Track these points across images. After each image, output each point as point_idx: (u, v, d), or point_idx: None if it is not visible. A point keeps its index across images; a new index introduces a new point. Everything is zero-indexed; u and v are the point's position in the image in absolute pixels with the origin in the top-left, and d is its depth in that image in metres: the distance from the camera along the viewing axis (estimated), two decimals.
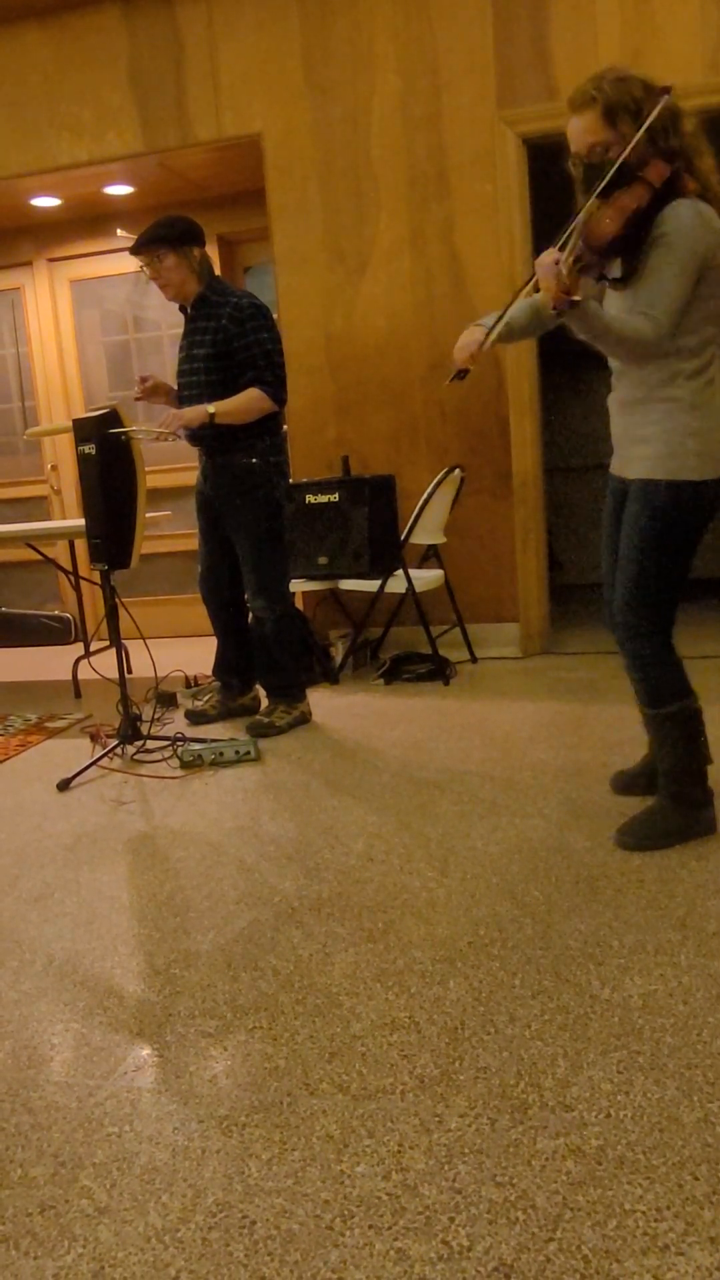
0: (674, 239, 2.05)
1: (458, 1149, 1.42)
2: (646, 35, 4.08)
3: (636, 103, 2.07)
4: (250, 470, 3.53)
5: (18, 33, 4.79)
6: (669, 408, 2.20)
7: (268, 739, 3.57)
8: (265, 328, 3.45)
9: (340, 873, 2.40)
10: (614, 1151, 1.39)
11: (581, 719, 3.55)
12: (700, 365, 2.17)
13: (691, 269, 2.06)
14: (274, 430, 3.58)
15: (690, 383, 2.18)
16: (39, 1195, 1.40)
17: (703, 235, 2.05)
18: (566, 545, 6.82)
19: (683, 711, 2.34)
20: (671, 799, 2.39)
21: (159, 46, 4.62)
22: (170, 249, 3.44)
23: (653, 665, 2.31)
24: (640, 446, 2.26)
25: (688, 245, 2.04)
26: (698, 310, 2.13)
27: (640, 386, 2.25)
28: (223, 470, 3.56)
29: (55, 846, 2.72)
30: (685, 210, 2.05)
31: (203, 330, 3.49)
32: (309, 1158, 1.42)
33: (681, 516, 2.23)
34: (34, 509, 6.21)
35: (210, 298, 3.50)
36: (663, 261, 2.06)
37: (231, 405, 3.44)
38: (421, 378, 4.61)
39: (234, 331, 3.43)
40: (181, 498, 5.94)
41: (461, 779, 3.01)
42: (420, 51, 4.35)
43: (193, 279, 3.49)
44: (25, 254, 5.88)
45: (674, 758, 2.37)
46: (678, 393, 2.19)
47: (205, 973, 1.97)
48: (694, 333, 2.15)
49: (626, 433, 2.32)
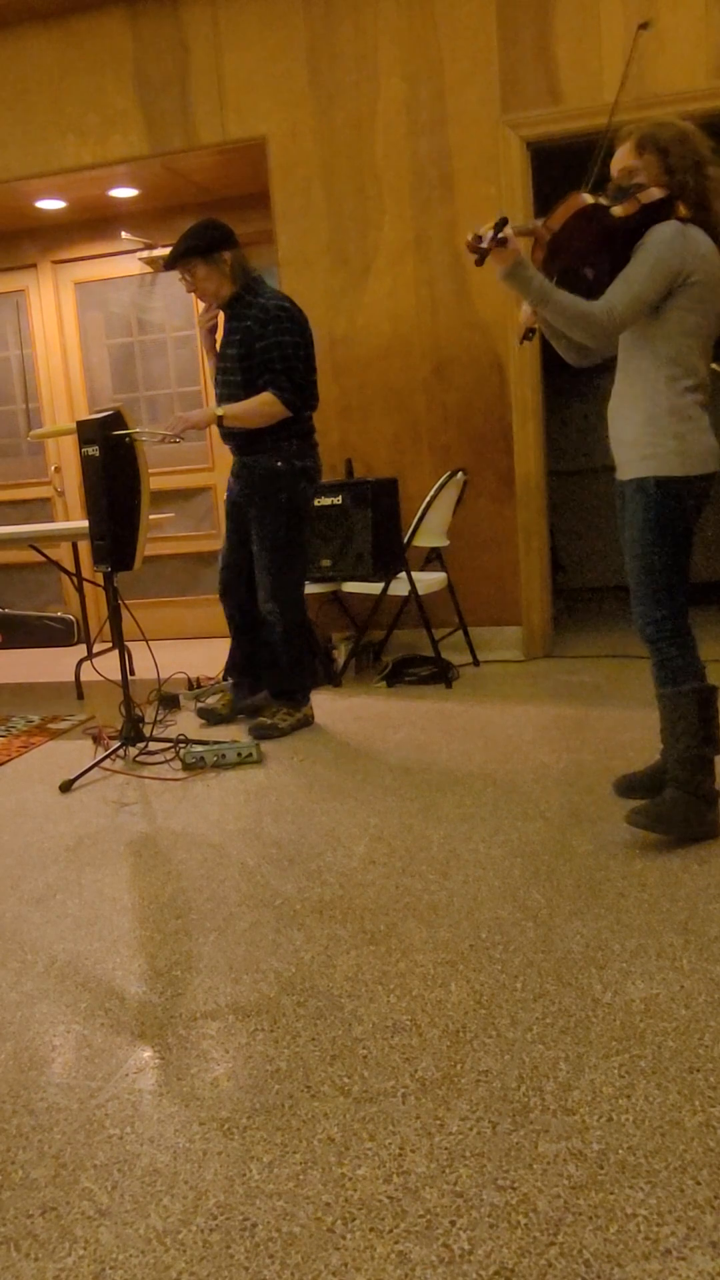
0: (650, 247, 2.28)
1: (459, 1152, 1.42)
2: (650, 38, 4.08)
3: (666, 142, 2.32)
4: (275, 473, 3.52)
5: (23, 35, 4.80)
6: (649, 413, 2.38)
7: (270, 741, 3.57)
8: (288, 331, 3.42)
9: (342, 875, 2.40)
10: (615, 1155, 1.38)
11: (584, 722, 3.54)
12: (679, 373, 2.35)
13: (660, 275, 2.26)
14: (302, 434, 3.57)
15: (671, 387, 2.36)
16: (40, 1197, 1.39)
17: (679, 248, 2.26)
18: (569, 548, 6.81)
19: (698, 692, 2.42)
20: (682, 788, 2.43)
21: (164, 49, 4.64)
22: (200, 259, 3.45)
23: (669, 644, 2.42)
24: (627, 450, 2.43)
25: (660, 254, 2.26)
26: (674, 322, 2.33)
27: (627, 393, 2.44)
28: (249, 470, 3.58)
29: (57, 848, 2.72)
30: (668, 227, 2.28)
31: (235, 330, 3.50)
32: (310, 1160, 1.42)
33: (674, 509, 2.38)
34: (37, 511, 6.21)
35: (245, 297, 3.50)
36: (636, 263, 2.29)
37: (240, 409, 3.45)
38: (425, 381, 4.62)
39: (257, 333, 3.43)
40: (185, 500, 5.95)
41: (464, 782, 3.01)
42: (424, 55, 4.36)
43: (226, 283, 3.49)
44: (30, 256, 5.90)
45: (686, 742, 2.42)
46: (658, 399, 2.37)
47: (207, 975, 1.97)
48: (670, 341, 2.34)
49: (616, 437, 2.49)
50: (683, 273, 2.27)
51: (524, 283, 2.30)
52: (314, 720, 3.79)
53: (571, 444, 6.73)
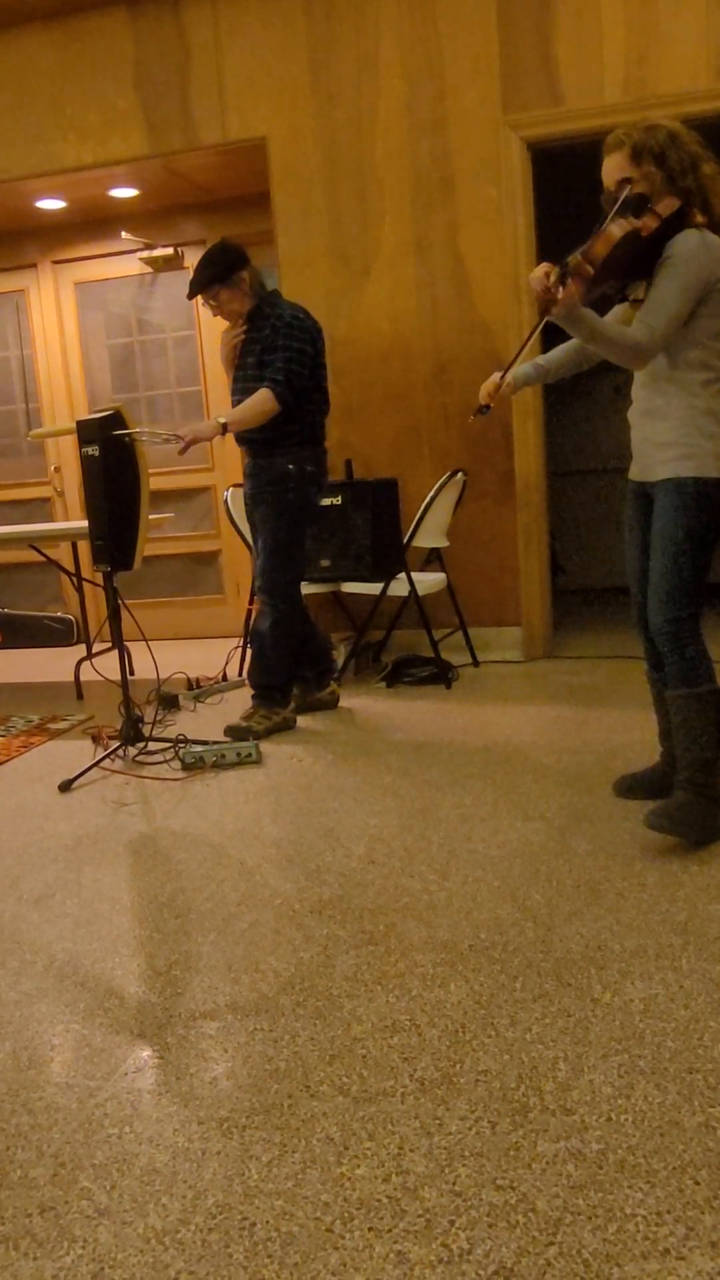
0: (678, 262, 2.30)
1: (458, 1152, 1.42)
2: (651, 41, 4.08)
3: (661, 147, 2.32)
4: (285, 474, 3.61)
5: (23, 36, 4.80)
6: (686, 415, 2.40)
7: (265, 741, 3.57)
8: (296, 338, 3.53)
9: (341, 875, 2.40)
10: (614, 1155, 1.38)
11: (583, 723, 3.55)
12: (711, 376, 2.39)
13: (692, 288, 2.30)
14: (314, 440, 3.68)
15: (705, 391, 2.39)
16: (39, 1196, 1.39)
17: (705, 260, 2.29)
18: (569, 549, 6.81)
19: (714, 694, 2.43)
20: (695, 791, 2.43)
21: (165, 50, 4.64)
22: (221, 285, 3.56)
23: (690, 645, 2.43)
24: (663, 450, 2.45)
25: (690, 267, 2.28)
26: (703, 328, 2.35)
27: (659, 396, 2.45)
28: (261, 471, 3.65)
29: (57, 847, 2.72)
30: (692, 238, 2.30)
31: (254, 340, 3.61)
32: (309, 1160, 1.42)
33: (709, 509, 2.41)
34: (37, 510, 6.22)
35: (263, 309, 3.62)
36: (666, 280, 2.32)
37: (239, 413, 3.54)
38: (425, 382, 4.62)
39: (270, 341, 3.55)
40: (185, 500, 5.95)
41: (463, 782, 3.01)
42: (425, 56, 4.36)
43: (247, 300, 3.62)
44: (30, 256, 5.90)
45: (699, 744, 2.42)
46: (694, 401, 2.39)
47: (206, 974, 1.97)
48: (702, 346, 2.37)
49: (648, 439, 2.50)
50: (710, 281, 2.30)
51: (579, 323, 2.31)
52: (295, 725, 3.78)
53: (572, 445, 6.74)
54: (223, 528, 5.88)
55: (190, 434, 3.46)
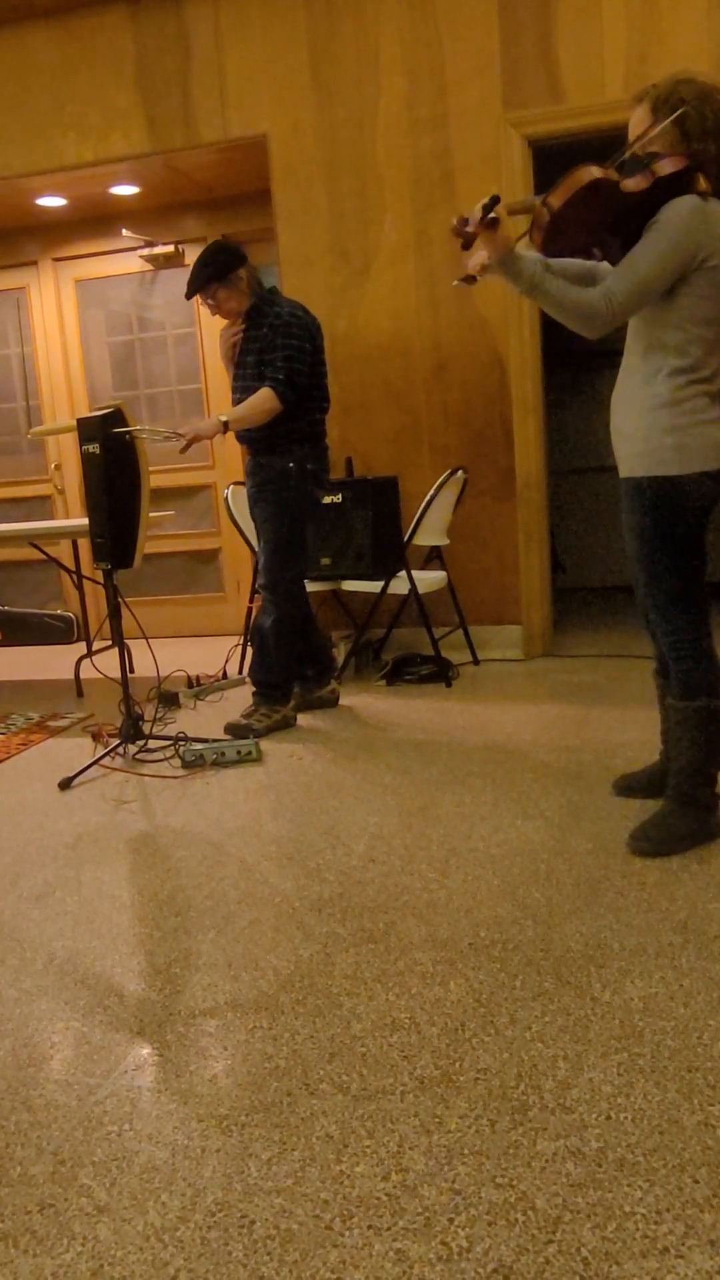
0: (664, 226, 2.06)
1: (457, 1150, 1.42)
2: (652, 37, 4.08)
3: (682, 101, 2.07)
4: (285, 473, 3.61)
5: (24, 33, 4.80)
6: (647, 404, 2.21)
7: (264, 739, 3.57)
8: (296, 336, 3.53)
9: (341, 873, 2.40)
10: (614, 1154, 1.38)
11: (583, 721, 3.54)
12: (686, 364, 2.17)
13: (672, 259, 2.06)
14: (314, 439, 3.68)
15: (671, 380, 2.18)
16: (38, 1193, 1.39)
17: (695, 229, 2.05)
18: (569, 547, 6.81)
19: (708, 709, 2.33)
20: (680, 801, 2.39)
21: (165, 47, 4.63)
22: (219, 284, 3.56)
23: (686, 658, 2.32)
24: (624, 445, 2.29)
25: (674, 235, 2.04)
26: (685, 309, 2.13)
27: (625, 384, 2.28)
28: (261, 470, 3.65)
29: (56, 845, 2.72)
30: (686, 203, 2.06)
31: (253, 339, 3.61)
32: (309, 1158, 1.42)
33: (671, 511, 2.23)
34: (37, 508, 6.21)
35: (262, 308, 3.61)
36: (645, 245, 2.07)
37: (241, 412, 3.54)
38: (425, 379, 4.61)
39: (270, 340, 3.55)
40: (185, 498, 5.95)
41: (463, 780, 3.01)
42: (426, 53, 4.35)
43: (245, 298, 3.61)
44: (30, 254, 5.89)
45: (690, 755, 2.37)
46: (658, 389, 2.19)
47: (206, 972, 1.97)
48: (679, 329, 2.14)
49: (615, 430, 2.34)
50: (699, 255, 2.06)
51: (514, 273, 2.11)
52: (295, 723, 3.78)
53: (571, 443, 6.73)
54: (223, 526, 5.87)
55: (191, 432, 3.48)
